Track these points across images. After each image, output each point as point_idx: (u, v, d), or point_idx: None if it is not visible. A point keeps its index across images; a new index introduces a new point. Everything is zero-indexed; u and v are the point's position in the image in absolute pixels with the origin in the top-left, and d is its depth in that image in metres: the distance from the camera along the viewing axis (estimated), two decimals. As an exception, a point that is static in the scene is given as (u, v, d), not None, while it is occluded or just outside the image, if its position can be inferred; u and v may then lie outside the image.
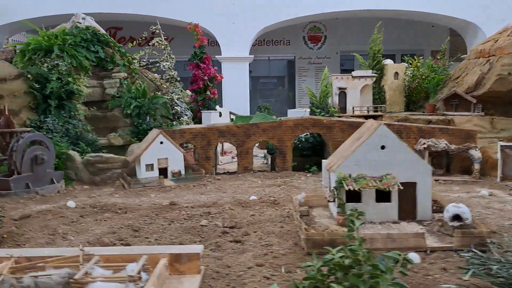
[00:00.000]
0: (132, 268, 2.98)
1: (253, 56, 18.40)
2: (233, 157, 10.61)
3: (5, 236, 4.54)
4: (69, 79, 8.52)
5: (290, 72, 23.41)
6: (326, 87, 9.95)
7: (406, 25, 20.06)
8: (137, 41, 11.50)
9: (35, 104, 8.36)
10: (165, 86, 10.39)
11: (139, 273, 2.90)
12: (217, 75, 11.21)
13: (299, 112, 10.12)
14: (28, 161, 6.62)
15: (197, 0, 16.81)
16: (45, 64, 8.57)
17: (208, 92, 11.16)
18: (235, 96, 17.42)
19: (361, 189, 4.37)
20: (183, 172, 7.85)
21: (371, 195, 4.55)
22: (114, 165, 8.11)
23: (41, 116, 8.30)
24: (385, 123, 4.70)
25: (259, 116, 8.79)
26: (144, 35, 11.63)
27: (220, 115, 10.27)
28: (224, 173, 8.76)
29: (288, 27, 19.52)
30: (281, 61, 23.47)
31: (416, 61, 10.88)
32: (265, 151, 9.91)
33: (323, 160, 5.01)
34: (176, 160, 7.77)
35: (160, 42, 10.64)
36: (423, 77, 10.52)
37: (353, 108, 9.72)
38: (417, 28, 20.61)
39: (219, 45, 17.72)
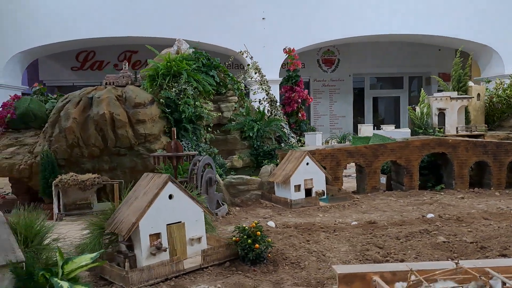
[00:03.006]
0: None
1: (282, 78, 18.71)
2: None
3: (269, 255, 4.65)
4: (197, 103, 8.69)
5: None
6: (425, 108, 10.39)
7: (412, 48, 20.82)
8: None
9: (168, 128, 8.46)
10: (268, 109, 10.63)
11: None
12: (309, 97, 11.55)
13: (400, 133, 10.45)
14: (205, 183, 6.72)
15: (227, 24, 16.84)
16: (173, 89, 8.71)
17: (299, 114, 11.48)
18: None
19: None
20: (325, 192, 8.03)
21: None
22: (253, 186, 8.28)
23: (174, 140, 8.39)
24: None
25: (376, 137, 9.10)
26: (230, 59, 11.87)
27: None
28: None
29: (303, 51, 19.91)
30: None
31: (500, 83, 11.49)
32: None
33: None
34: (319, 180, 7.96)
35: (254, 64, 10.94)
36: (509, 97, 11.11)
37: (456, 128, 10.16)
38: (423, 51, 21.50)
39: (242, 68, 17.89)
